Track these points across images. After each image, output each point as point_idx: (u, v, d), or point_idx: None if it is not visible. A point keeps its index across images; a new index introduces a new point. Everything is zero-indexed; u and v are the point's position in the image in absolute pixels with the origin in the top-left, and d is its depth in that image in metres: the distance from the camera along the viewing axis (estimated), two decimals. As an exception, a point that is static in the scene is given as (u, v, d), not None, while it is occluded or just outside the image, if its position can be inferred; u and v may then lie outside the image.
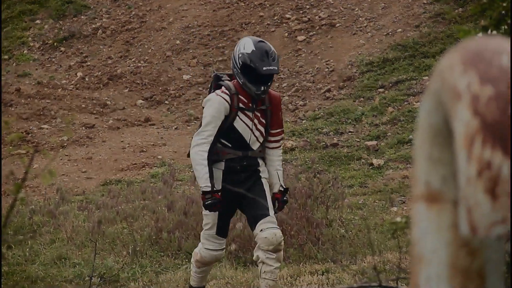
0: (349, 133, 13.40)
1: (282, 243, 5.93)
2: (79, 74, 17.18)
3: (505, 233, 1.29)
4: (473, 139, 1.31)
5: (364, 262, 8.01)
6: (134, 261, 8.96)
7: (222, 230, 6.08)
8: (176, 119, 15.45)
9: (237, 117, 5.88)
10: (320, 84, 15.23)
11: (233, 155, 5.92)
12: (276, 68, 5.87)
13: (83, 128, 14.82)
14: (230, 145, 5.92)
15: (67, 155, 13.78)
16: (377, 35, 16.06)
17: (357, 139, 13.15)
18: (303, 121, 14.24)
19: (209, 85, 6.32)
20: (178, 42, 17.67)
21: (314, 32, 16.78)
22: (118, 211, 10.35)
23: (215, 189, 5.86)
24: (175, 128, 15.03)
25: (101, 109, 15.80)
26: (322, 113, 14.01)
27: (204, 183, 5.82)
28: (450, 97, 1.37)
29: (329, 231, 9.20)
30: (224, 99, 5.87)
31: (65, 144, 14.25)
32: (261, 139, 5.96)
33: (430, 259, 1.41)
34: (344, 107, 13.98)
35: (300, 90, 15.30)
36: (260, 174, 6.04)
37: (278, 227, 5.97)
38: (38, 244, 9.45)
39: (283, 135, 6.09)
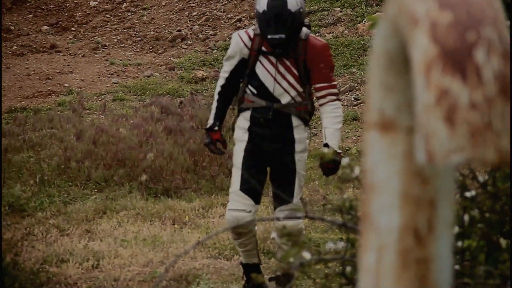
0: (260, 64, 13.38)
1: (303, 232, 5.40)
2: (-18, -3, 16.62)
3: (462, 161, 1.27)
4: (431, 66, 1.29)
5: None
6: (41, 191, 8.82)
7: (247, 186, 5.30)
8: (83, 47, 15.15)
9: (258, 62, 5.25)
10: (231, 13, 15.10)
11: (257, 105, 5.31)
12: (283, 36, 5.10)
13: (-14, 53, 14.41)
14: (255, 92, 5.32)
15: (-31, 81, 13.41)
16: (288, -34, 15.98)
17: (267, 71, 13.16)
18: (214, 51, 14.13)
19: None
20: (85, -33, 17.24)
21: (225, -39, 16.60)
22: (25, 139, 10.14)
23: (216, 128, 5.43)
24: (82, 56, 14.74)
25: (5, 35, 15.35)
26: (232, 44, 13.91)
27: (209, 120, 5.45)
28: (407, 23, 1.34)
29: (240, 162, 9.22)
30: (241, 38, 5.27)
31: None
32: (292, 92, 5.29)
33: (382, 188, 1.39)
34: (255, 38, 13.91)
35: (211, 19, 15.15)
36: (295, 146, 5.33)
37: (299, 216, 5.16)
38: None
39: (332, 89, 5.29)
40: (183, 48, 14.67)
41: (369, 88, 1.42)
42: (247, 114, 5.36)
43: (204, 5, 15.67)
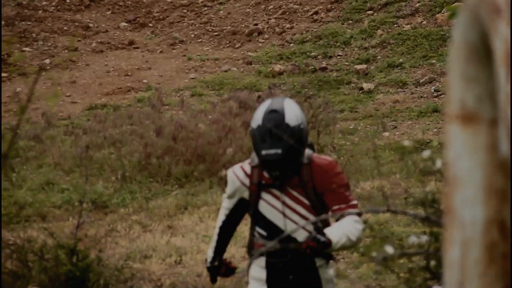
0: (338, 57, 13.30)
1: None
2: (61, -3, 16.92)
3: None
4: (514, 56, 1.25)
5: (358, 188, 8.01)
6: (123, 187, 8.94)
7: None
8: (160, 42, 15.30)
9: (261, 199, 4.47)
10: (307, 6, 15.06)
11: (271, 248, 4.40)
12: (279, 151, 4.29)
13: (66, 51, 14.67)
14: (265, 234, 4.51)
15: (50, 79, 13.67)
16: (364, -43, 15.85)
17: (346, 63, 13.07)
18: (291, 45, 14.12)
19: None
20: (162, -36, 17.40)
21: (300, -46, 16.55)
22: (106, 136, 10.30)
23: (216, 263, 4.61)
24: (160, 52, 14.89)
25: (84, 32, 15.61)
26: (310, 36, 13.88)
27: (208, 253, 4.69)
28: (488, 13, 1.30)
29: (319, 155, 9.21)
30: (237, 176, 4.49)
31: (48, 67, 14.11)
32: (307, 226, 4.42)
33: (465, 181, 1.36)
34: (332, 30, 13.85)
35: (287, 13, 15.14)
36: None
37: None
38: (24, 169, 9.40)
39: (351, 210, 4.36)
40: (260, 42, 14.69)
41: (450, 79, 1.40)
42: (261, 261, 4.54)
43: (280, -2, 15.67)
